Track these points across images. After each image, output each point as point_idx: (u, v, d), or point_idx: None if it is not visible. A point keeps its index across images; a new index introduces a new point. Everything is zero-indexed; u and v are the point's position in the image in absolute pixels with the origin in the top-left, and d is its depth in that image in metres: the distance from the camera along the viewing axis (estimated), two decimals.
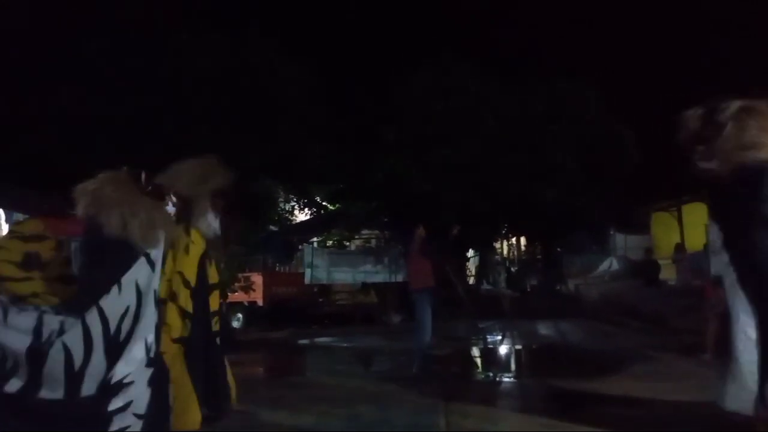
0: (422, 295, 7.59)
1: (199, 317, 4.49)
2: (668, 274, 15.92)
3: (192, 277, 4.55)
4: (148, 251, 3.40)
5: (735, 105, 3.63)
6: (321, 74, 13.22)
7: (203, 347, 4.54)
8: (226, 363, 4.74)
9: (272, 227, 18.87)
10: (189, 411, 4.23)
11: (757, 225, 3.43)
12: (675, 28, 16.47)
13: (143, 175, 3.56)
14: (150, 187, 3.60)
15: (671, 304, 11.94)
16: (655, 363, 7.53)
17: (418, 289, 7.65)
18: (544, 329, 12.41)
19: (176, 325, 4.38)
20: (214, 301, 4.97)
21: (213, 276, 4.85)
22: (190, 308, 4.44)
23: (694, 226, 16.00)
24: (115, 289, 3.22)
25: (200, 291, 4.57)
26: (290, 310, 15.26)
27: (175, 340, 4.32)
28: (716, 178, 3.60)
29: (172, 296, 4.42)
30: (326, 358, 9.97)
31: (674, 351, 7.98)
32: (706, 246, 12.37)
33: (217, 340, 4.34)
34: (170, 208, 3.86)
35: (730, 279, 3.56)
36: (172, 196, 3.88)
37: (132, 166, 3.74)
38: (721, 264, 3.66)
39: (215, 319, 4.76)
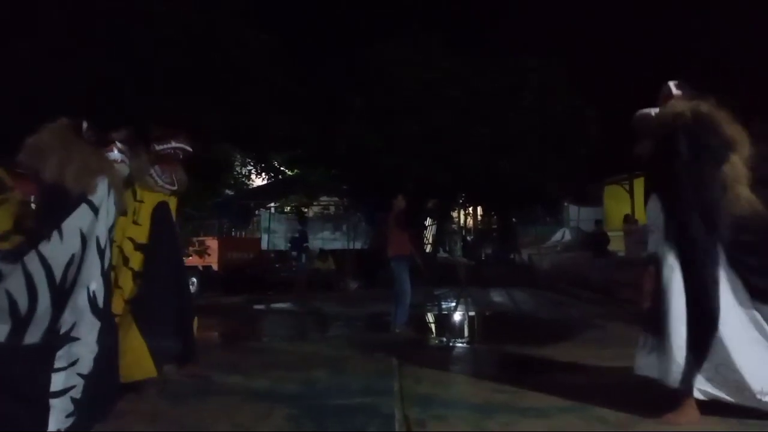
0: (399, 262, 7.94)
1: (160, 268, 4.50)
2: (618, 245, 16.41)
3: (143, 238, 4.55)
4: (90, 197, 3.34)
5: (686, 114, 3.77)
6: (288, 42, 12.91)
7: (173, 293, 4.64)
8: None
9: (228, 191, 18.60)
10: (141, 361, 4.28)
11: (683, 187, 3.63)
12: (637, 7, 16.61)
13: (84, 124, 3.55)
14: (93, 136, 3.60)
15: (618, 275, 12.35)
16: (601, 331, 7.82)
17: (395, 256, 7.95)
18: (497, 297, 12.70)
19: (128, 287, 4.40)
20: None
21: None
22: (140, 268, 4.48)
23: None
24: (55, 235, 3.15)
25: (160, 243, 4.60)
26: (246, 275, 15.17)
27: (127, 301, 4.35)
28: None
29: (125, 260, 4.43)
30: (282, 324, 9.98)
31: (620, 320, 8.29)
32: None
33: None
34: (115, 155, 3.92)
35: (668, 257, 3.71)
36: (117, 143, 3.91)
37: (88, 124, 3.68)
38: (657, 242, 3.81)
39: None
